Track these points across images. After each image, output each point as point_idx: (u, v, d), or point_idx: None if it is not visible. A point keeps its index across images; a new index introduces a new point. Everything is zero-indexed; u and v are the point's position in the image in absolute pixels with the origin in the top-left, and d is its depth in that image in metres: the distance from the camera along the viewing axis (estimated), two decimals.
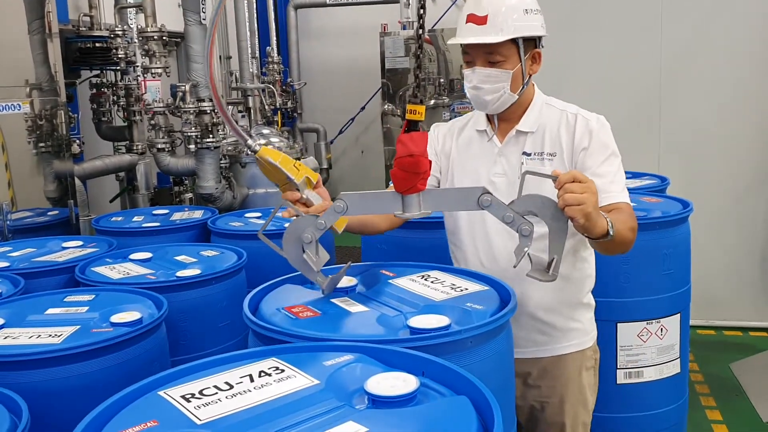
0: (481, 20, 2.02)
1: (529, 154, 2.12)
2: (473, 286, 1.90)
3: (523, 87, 2.11)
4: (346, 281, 1.95)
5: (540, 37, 2.11)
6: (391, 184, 1.78)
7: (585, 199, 1.68)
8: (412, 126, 1.75)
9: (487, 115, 2.20)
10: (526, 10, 2.05)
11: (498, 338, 1.67)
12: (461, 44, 2.07)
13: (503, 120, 2.17)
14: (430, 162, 1.76)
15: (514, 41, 2.03)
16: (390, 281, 1.96)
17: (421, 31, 1.86)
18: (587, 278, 2.26)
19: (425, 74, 8.55)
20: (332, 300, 1.84)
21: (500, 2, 2.02)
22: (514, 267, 1.76)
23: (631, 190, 3.58)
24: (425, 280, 1.96)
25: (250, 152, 1.81)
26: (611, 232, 1.79)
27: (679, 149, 4.93)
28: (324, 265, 1.85)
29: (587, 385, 2.25)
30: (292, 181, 1.81)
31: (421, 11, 1.87)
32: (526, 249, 1.72)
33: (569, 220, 1.72)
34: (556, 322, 2.17)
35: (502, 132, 2.18)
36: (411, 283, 1.93)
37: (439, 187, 2.26)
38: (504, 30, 2.01)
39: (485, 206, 1.73)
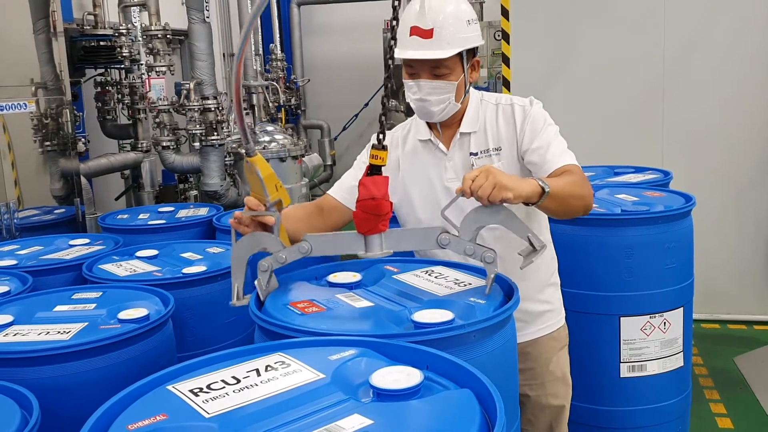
0: (426, 33, 2.02)
1: (476, 153, 2.16)
2: (476, 281, 1.91)
3: (465, 95, 2.16)
4: (350, 277, 1.97)
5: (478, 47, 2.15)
6: None
7: (491, 180, 1.73)
8: (374, 170, 1.78)
9: (427, 123, 2.22)
10: (468, 21, 2.08)
11: (501, 332, 1.68)
12: (401, 59, 2.08)
13: (445, 126, 2.21)
14: (391, 204, 1.80)
15: (459, 53, 2.06)
16: (394, 276, 1.98)
17: (391, 62, 1.84)
18: (552, 258, 2.33)
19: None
20: (337, 295, 1.86)
21: (445, 15, 2.03)
22: (487, 294, 1.81)
23: (634, 185, 3.64)
24: (429, 275, 1.98)
25: (245, 154, 1.84)
26: (546, 189, 1.83)
27: (682, 144, 4.94)
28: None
29: (565, 363, 2.33)
30: (267, 198, 1.84)
31: (392, 42, 1.84)
32: (493, 275, 1.79)
33: (503, 204, 1.77)
34: (531, 307, 2.22)
35: (446, 138, 2.21)
36: (415, 278, 1.95)
37: None
38: (451, 44, 2.03)
39: (444, 245, 1.80)
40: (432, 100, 2.08)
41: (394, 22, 1.88)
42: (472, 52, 2.14)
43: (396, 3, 1.84)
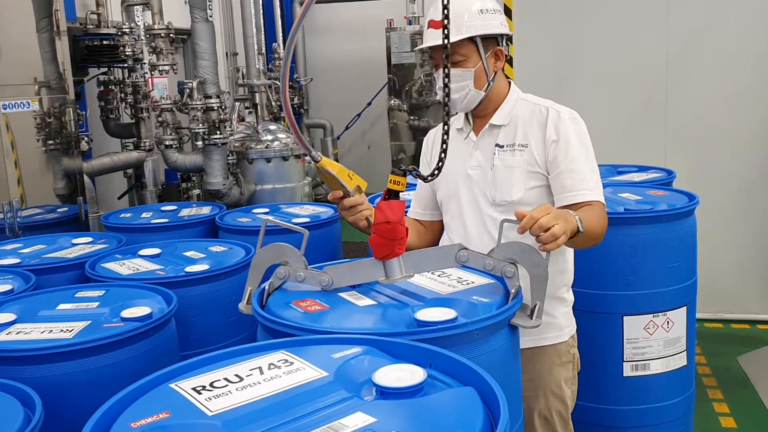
0: (439, 24, 2.07)
1: (501, 146, 2.21)
2: (479, 280, 1.91)
3: (488, 84, 2.20)
4: None
5: (503, 36, 2.20)
6: None
7: (557, 230, 1.74)
8: (392, 194, 1.82)
9: (465, 114, 2.30)
10: (482, 10, 2.15)
11: (504, 331, 1.68)
12: (427, 49, 2.19)
13: (479, 117, 2.28)
14: (407, 229, 1.85)
15: (472, 41, 2.13)
16: None
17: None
18: (561, 273, 2.28)
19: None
20: (340, 294, 1.86)
21: (456, 5, 2.07)
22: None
23: (637, 184, 3.63)
24: (432, 273, 1.97)
25: (312, 162, 1.98)
26: (581, 229, 1.88)
27: (686, 142, 4.93)
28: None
29: (563, 379, 2.28)
30: (346, 189, 2.00)
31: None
32: (514, 290, 1.77)
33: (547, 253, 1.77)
34: None
35: (477, 128, 2.28)
36: (418, 276, 1.95)
37: (434, 192, 2.39)
38: (459, 30, 2.10)
39: (463, 261, 1.82)
40: (451, 87, 2.10)
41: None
42: (495, 41, 2.19)
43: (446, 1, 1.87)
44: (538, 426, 2.26)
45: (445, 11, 1.80)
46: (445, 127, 1.86)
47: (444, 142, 1.86)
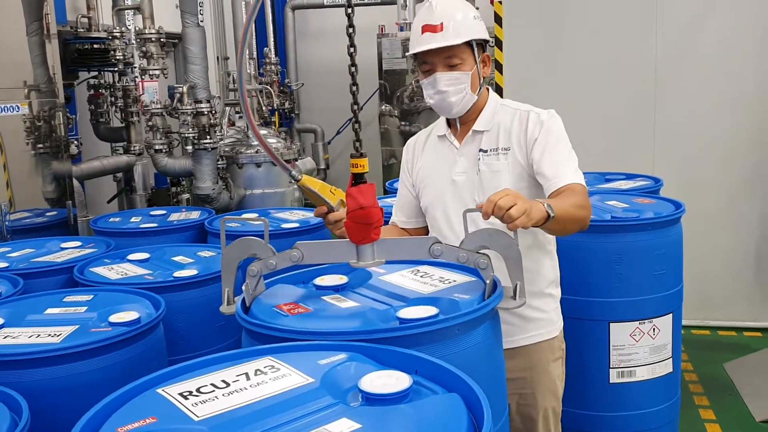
0: (436, 28, 2.18)
1: (485, 151, 2.25)
2: (461, 278, 1.94)
3: (480, 88, 2.25)
4: (336, 279, 1.99)
5: (486, 42, 2.27)
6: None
7: (513, 212, 1.73)
8: (358, 179, 1.82)
9: (447, 121, 2.34)
10: (474, 16, 2.23)
11: (485, 325, 1.70)
12: (419, 55, 2.22)
13: (462, 123, 2.32)
14: (382, 210, 1.84)
15: (468, 45, 2.19)
16: (380, 278, 1.99)
17: (353, 69, 1.94)
18: (551, 269, 2.32)
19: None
20: (323, 298, 1.87)
21: (452, 10, 2.19)
22: (486, 299, 1.79)
23: (624, 192, 3.65)
24: (415, 274, 1.99)
25: (293, 182, 2.02)
26: (551, 214, 1.87)
27: (673, 150, 4.96)
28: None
29: (557, 375, 2.33)
30: (329, 204, 2.04)
31: (351, 49, 1.94)
32: (489, 281, 1.79)
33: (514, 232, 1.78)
34: (522, 312, 2.20)
35: (460, 135, 2.32)
36: (401, 278, 1.97)
37: (417, 200, 2.40)
38: (460, 34, 2.16)
39: (437, 255, 1.82)
40: (450, 90, 2.19)
41: (350, 30, 2.03)
42: (482, 47, 2.24)
43: (350, 11, 1.98)
44: (525, 424, 2.28)
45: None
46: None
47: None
